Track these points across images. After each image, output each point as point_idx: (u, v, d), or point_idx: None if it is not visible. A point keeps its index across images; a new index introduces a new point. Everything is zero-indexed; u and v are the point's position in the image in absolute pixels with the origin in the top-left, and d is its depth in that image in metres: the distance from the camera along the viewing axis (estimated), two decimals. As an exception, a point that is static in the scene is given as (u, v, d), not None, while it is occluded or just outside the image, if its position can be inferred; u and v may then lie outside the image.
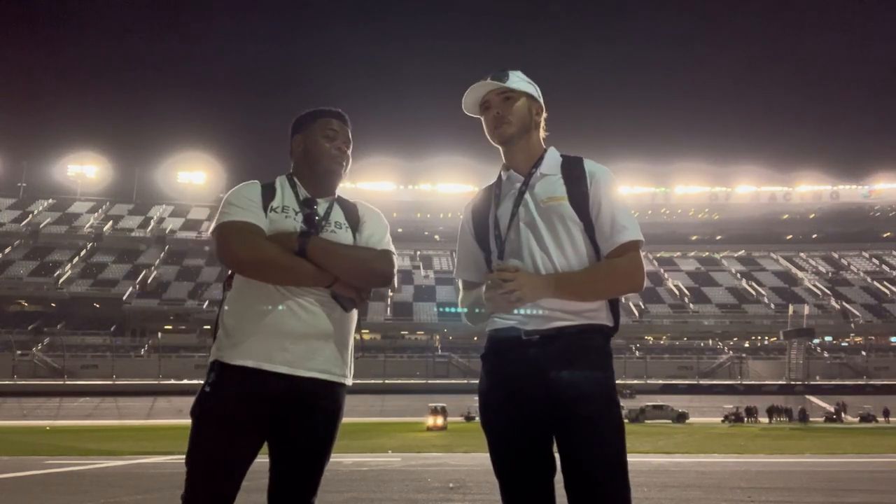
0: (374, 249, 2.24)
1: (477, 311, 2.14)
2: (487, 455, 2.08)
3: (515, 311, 2.01)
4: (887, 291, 75.41)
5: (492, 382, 2.07)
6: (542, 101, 2.22)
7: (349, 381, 2.23)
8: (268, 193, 2.23)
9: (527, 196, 2.10)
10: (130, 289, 69.44)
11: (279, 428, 2.11)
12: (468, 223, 2.25)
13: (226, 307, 2.18)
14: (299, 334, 2.10)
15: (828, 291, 75.36)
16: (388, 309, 70.84)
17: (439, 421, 32.66)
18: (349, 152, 2.31)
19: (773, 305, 72.50)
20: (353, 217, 2.30)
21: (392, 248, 2.29)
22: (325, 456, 2.19)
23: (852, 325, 69.94)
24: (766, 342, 70.13)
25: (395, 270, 2.28)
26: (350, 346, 2.27)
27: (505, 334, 2.03)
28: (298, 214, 2.20)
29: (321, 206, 2.25)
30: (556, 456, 2.03)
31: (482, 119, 2.22)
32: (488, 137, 2.21)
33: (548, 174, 2.13)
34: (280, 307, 2.10)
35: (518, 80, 2.16)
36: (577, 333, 2.00)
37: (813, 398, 53.11)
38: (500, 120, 2.13)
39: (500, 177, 2.23)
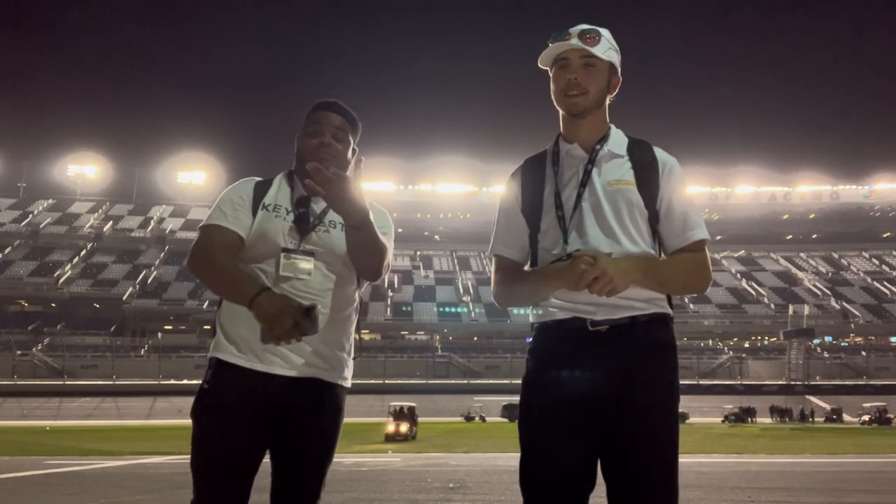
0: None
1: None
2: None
3: (581, 300, 1.84)
4: (887, 291, 75.38)
5: (546, 378, 1.86)
6: (620, 71, 2.01)
7: (348, 383, 2.21)
8: (262, 190, 2.18)
9: (593, 175, 1.93)
10: (130, 289, 69.43)
11: (279, 429, 2.08)
12: (516, 196, 2.03)
13: (223, 305, 2.15)
14: None
15: (828, 291, 75.33)
16: (388, 309, 70.80)
17: (403, 427, 23.38)
18: (341, 144, 2.18)
19: (773, 305, 72.48)
20: None
21: (388, 244, 2.16)
22: (327, 458, 2.16)
23: (852, 325, 69.92)
24: (766, 342, 70.14)
25: (386, 265, 2.14)
26: (349, 346, 2.23)
27: (566, 325, 1.86)
28: (290, 214, 2.14)
29: (318, 205, 2.17)
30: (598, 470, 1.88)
31: (551, 73, 1.98)
32: (554, 97, 1.98)
33: (615, 153, 1.96)
34: None
35: (606, 47, 1.94)
36: (649, 323, 1.85)
37: (813, 398, 53.11)
38: (576, 88, 1.91)
39: (556, 148, 2.02)
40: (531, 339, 1.97)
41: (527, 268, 2.02)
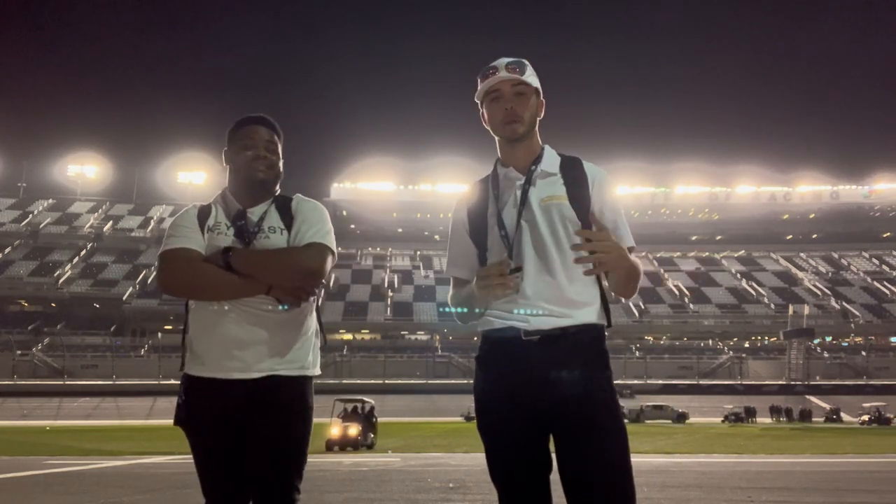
0: (297, 247, 2.22)
1: (478, 310, 2.10)
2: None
3: (515, 311, 1.98)
4: (887, 291, 75.41)
5: (490, 384, 2.04)
6: (541, 94, 2.17)
7: (311, 372, 2.27)
8: (204, 214, 2.29)
9: (529, 194, 2.06)
10: (130, 289, 69.49)
11: (244, 430, 2.17)
12: (463, 220, 2.19)
13: (190, 325, 2.27)
14: (245, 340, 2.16)
15: (828, 291, 75.37)
16: (388, 309, 70.76)
17: (352, 430, 17.60)
18: (273, 156, 2.29)
19: (773, 305, 72.51)
20: (287, 216, 2.29)
21: (324, 238, 2.24)
22: (293, 450, 2.20)
23: (852, 325, 69.96)
24: (766, 342, 70.18)
25: (327, 260, 2.22)
26: (309, 336, 2.30)
27: (503, 334, 2.00)
28: (230, 229, 2.24)
29: (255, 214, 2.27)
30: (553, 455, 2.01)
31: (484, 106, 2.14)
32: (491, 127, 2.14)
33: (548, 172, 2.09)
34: (226, 318, 2.17)
35: (531, 75, 2.10)
36: (578, 333, 1.98)
37: (813, 398, 53.14)
38: (513, 117, 2.07)
39: (495, 172, 2.18)
40: (479, 348, 2.11)
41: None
